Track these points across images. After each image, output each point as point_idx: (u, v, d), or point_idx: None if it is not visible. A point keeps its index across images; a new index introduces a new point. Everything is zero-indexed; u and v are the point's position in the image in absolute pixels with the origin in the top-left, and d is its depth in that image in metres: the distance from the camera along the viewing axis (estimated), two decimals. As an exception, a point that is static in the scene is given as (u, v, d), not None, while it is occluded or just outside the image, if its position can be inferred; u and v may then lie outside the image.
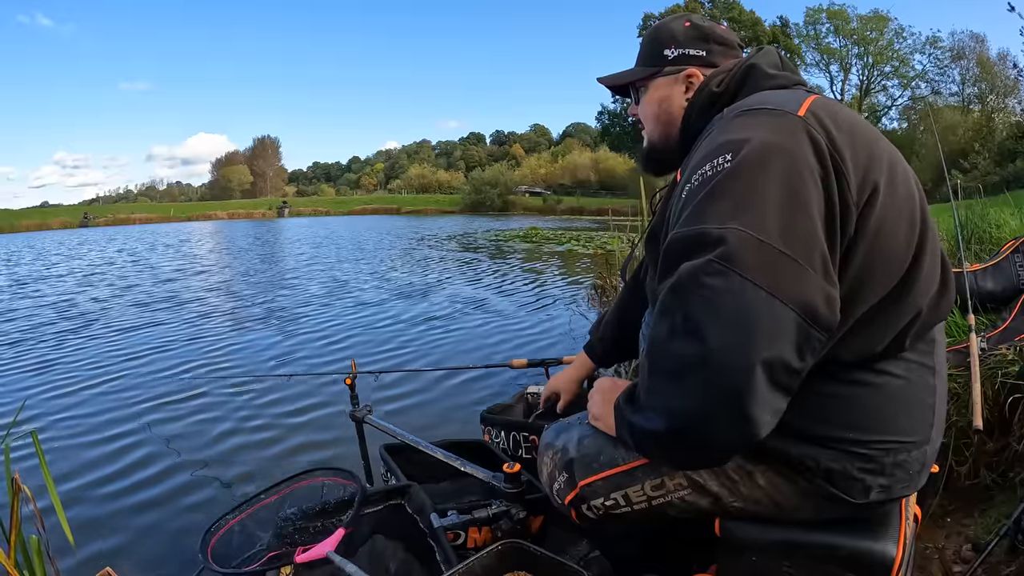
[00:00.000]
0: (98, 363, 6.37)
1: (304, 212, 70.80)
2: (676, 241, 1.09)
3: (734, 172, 1.07)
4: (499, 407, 2.74)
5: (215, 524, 1.94)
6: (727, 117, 1.24)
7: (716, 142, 1.15)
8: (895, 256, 1.14)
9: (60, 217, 59.14)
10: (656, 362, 1.08)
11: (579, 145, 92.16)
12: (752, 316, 0.97)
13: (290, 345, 7.00)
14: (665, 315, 1.06)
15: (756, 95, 1.29)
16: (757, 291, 0.98)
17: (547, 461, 1.52)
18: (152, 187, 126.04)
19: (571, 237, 23.05)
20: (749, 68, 1.38)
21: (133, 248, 24.61)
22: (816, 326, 1.00)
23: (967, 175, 27.23)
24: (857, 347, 1.14)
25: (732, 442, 1.04)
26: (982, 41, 43.84)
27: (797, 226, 1.02)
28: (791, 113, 1.13)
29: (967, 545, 2.29)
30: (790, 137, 1.09)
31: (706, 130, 1.30)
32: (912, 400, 1.21)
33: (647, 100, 1.58)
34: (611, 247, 8.45)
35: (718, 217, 1.04)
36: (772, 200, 1.03)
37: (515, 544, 1.50)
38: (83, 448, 4.13)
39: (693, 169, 1.15)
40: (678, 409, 1.03)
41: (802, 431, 1.17)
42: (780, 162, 1.06)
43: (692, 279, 1.02)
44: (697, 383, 1.00)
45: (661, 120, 1.55)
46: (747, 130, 1.12)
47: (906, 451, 1.20)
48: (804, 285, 1.00)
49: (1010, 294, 3.58)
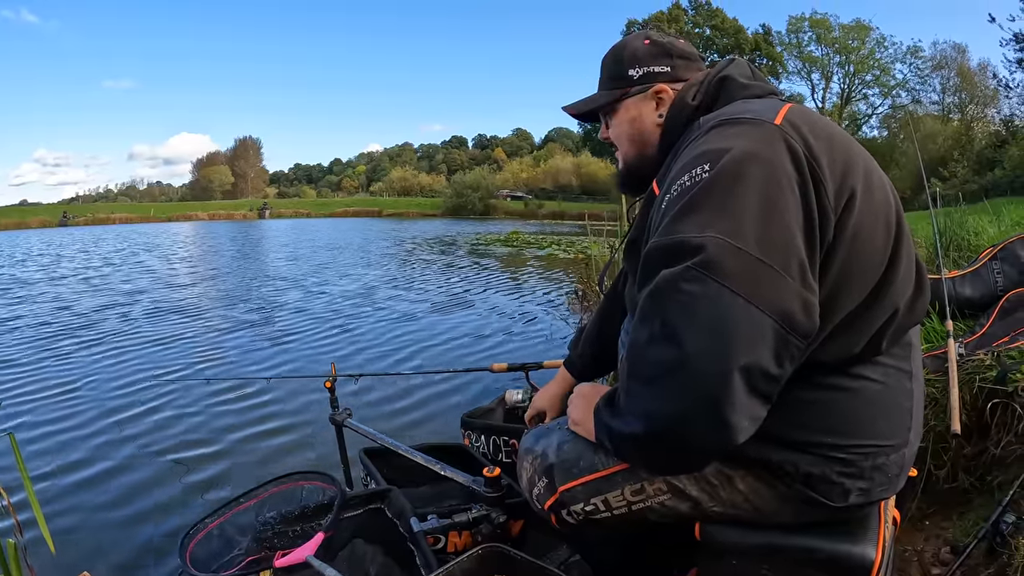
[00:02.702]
0: (74, 365, 6.31)
1: (285, 214, 70.42)
2: (655, 250, 1.10)
3: (712, 181, 1.07)
4: (479, 411, 2.74)
5: (194, 528, 1.93)
6: (704, 127, 1.24)
7: (694, 152, 1.16)
8: (872, 260, 1.15)
9: (39, 216, 58.51)
10: (635, 367, 1.09)
11: (561, 150, 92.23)
12: (729, 322, 0.98)
13: (270, 348, 6.97)
14: (644, 321, 1.07)
15: (732, 105, 1.31)
16: (734, 298, 0.98)
17: (527, 466, 1.52)
18: (132, 187, 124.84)
19: (552, 241, 23.09)
20: (723, 79, 1.39)
21: (107, 251, 24.35)
22: (794, 333, 1.01)
23: (946, 183, 27.48)
24: (836, 351, 1.15)
25: (709, 447, 1.05)
26: (963, 52, 44.32)
27: (775, 234, 1.03)
28: (768, 122, 1.14)
29: (946, 548, 2.30)
30: (767, 146, 1.09)
31: (681, 141, 1.32)
32: (890, 404, 1.22)
33: (617, 122, 1.57)
34: (592, 252, 8.46)
35: (696, 226, 1.04)
36: (750, 209, 1.04)
37: (495, 548, 1.50)
38: (61, 451, 4.09)
39: (672, 180, 1.16)
40: (656, 413, 1.04)
41: (781, 437, 1.18)
42: (758, 171, 1.07)
43: (670, 286, 1.03)
44: (675, 387, 1.01)
45: (635, 140, 1.54)
46: (725, 140, 1.13)
47: (884, 454, 1.21)
48: (782, 292, 1.01)
49: (988, 300, 3.62)
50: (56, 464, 3.89)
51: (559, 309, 9.02)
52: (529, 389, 2.65)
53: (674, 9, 53.76)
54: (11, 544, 1.92)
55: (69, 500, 3.45)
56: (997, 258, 3.75)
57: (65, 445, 4.20)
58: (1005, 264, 3.72)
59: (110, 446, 4.17)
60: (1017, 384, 2.42)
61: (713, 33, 53.21)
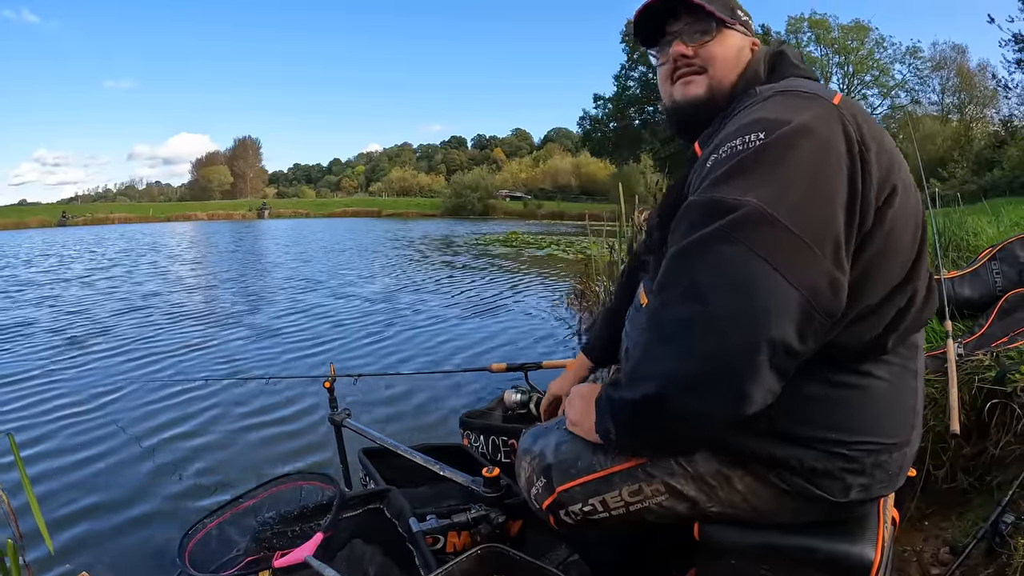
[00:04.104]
0: (74, 366, 6.31)
1: (284, 214, 70.31)
2: (692, 205, 1.10)
3: (764, 148, 1.07)
4: (478, 411, 2.74)
5: (193, 528, 1.93)
6: (762, 96, 1.23)
7: (749, 118, 1.14)
8: (900, 258, 1.16)
9: (38, 216, 58.37)
10: (655, 326, 1.09)
11: (560, 150, 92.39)
12: (756, 289, 0.98)
13: (269, 348, 6.98)
14: (669, 278, 1.08)
15: (788, 80, 1.30)
16: (762, 264, 0.99)
17: (525, 466, 1.51)
18: (131, 186, 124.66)
19: (551, 242, 23.10)
20: (779, 54, 1.39)
21: (104, 251, 24.30)
22: (819, 309, 1.01)
23: (945, 183, 27.43)
24: (850, 341, 1.15)
25: (716, 415, 1.05)
26: (963, 52, 44.25)
27: (815, 209, 1.03)
28: (827, 100, 1.13)
29: (945, 548, 2.30)
30: (824, 123, 1.09)
31: (736, 104, 1.30)
32: (895, 402, 1.23)
33: (726, 43, 1.41)
34: (591, 252, 8.47)
35: (738, 189, 1.04)
36: (796, 181, 1.04)
37: (494, 548, 1.50)
38: (59, 452, 4.09)
39: (722, 141, 1.14)
40: (671, 372, 1.04)
41: (787, 432, 1.18)
42: (812, 145, 1.06)
43: (701, 245, 1.04)
44: (696, 347, 1.01)
45: (733, 69, 1.40)
46: (783, 111, 1.12)
47: (887, 452, 1.21)
48: (810, 267, 1.01)
49: (987, 301, 3.62)
50: (55, 464, 3.89)
51: (558, 309, 9.02)
52: (528, 389, 2.65)
53: (673, 9, 53.63)
54: (10, 544, 1.92)
55: (68, 500, 3.44)
56: (996, 258, 3.76)
57: (64, 445, 4.19)
58: (1004, 264, 3.72)
59: (109, 446, 4.17)
60: (1016, 384, 2.42)
61: (713, 33, 53.14)
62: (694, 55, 1.40)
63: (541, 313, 8.86)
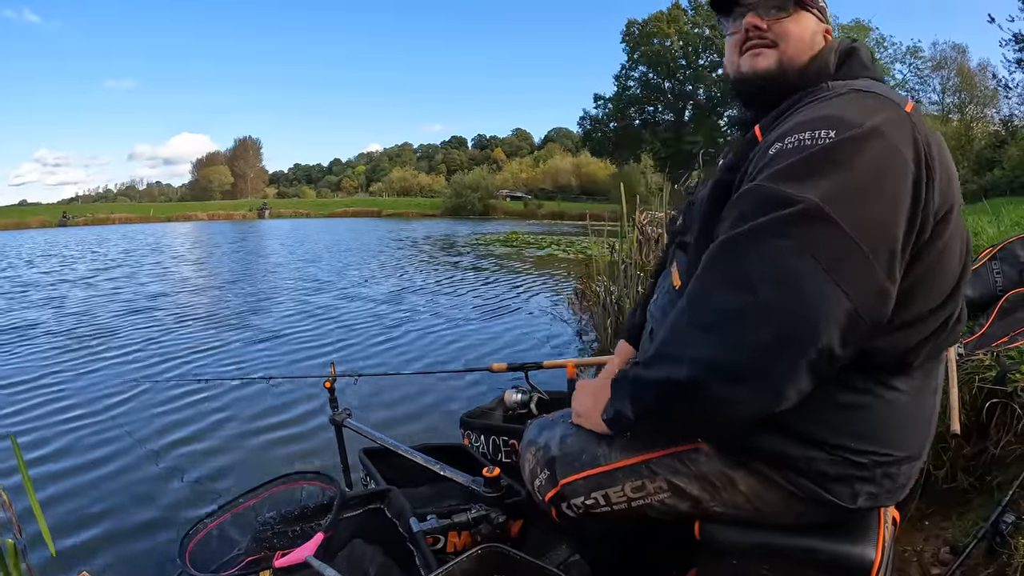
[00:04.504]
0: (74, 366, 6.32)
1: (285, 214, 70.17)
2: (749, 193, 1.09)
3: (833, 148, 1.04)
4: (479, 411, 2.74)
5: (193, 528, 1.93)
6: (835, 91, 1.20)
7: (820, 113, 1.12)
8: (947, 277, 1.15)
9: (39, 216, 58.29)
10: (694, 311, 1.09)
11: (561, 150, 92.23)
12: (805, 289, 0.98)
13: (270, 348, 6.98)
14: (716, 264, 1.07)
15: (862, 80, 1.26)
16: (814, 264, 0.98)
17: (529, 458, 1.52)
18: (132, 187, 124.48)
19: (552, 242, 23.09)
20: (852, 50, 1.36)
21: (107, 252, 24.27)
22: (865, 318, 1.00)
23: (945, 183, 27.39)
24: (885, 351, 1.14)
25: (748, 407, 1.05)
26: (963, 52, 44.12)
27: (875, 216, 1.02)
28: (901, 107, 1.12)
29: (945, 548, 2.31)
30: (896, 131, 1.07)
31: (805, 95, 1.26)
32: (914, 416, 1.22)
33: (802, 23, 1.38)
34: (592, 252, 8.46)
35: (802, 185, 1.03)
36: (860, 186, 1.02)
37: (495, 548, 1.50)
38: (61, 452, 4.09)
39: (788, 132, 1.12)
40: (708, 360, 1.04)
41: (804, 433, 1.18)
42: (881, 151, 1.04)
43: (753, 235, 1.03)
44: (738, 337, 1.01)
45: (806, 50, 1.36)
46: (855, 111, 1.10)
47: (898, 464, 1.21)
48: (863, 275, 1.00)
49: (987, 300, 3.62)
50: (56, 465, 3.89)
51: (559, 309, 9.01)
52: (529, 389, 2.65)
53: (674, 9, 53.63)
54: (11, 544, 1.92)
55: (69, 500, 3.45)
56: (996, 258, 3.76)
57: (65, 446, 4.20)
58: (1004, 264, 3.72)
59: (110, 447, 4.18)
60: (1016, 384, 2.42)
61: (713, 33, 53.04)
62: (767, 28, 1.37)
63: (542, 313, 8.87)
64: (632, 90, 56.37)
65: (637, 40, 54.72)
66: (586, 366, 3.19)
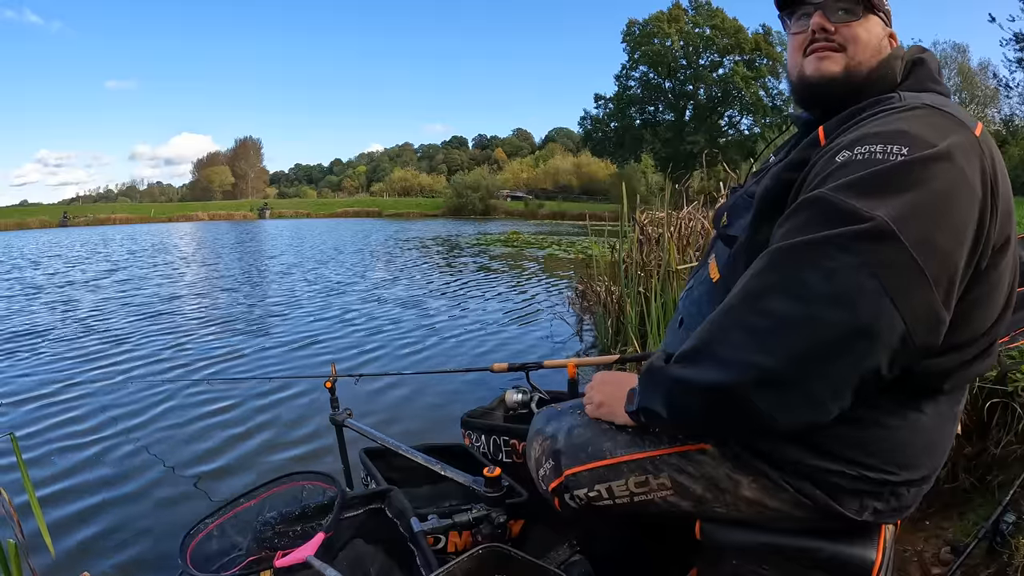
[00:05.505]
0: (73, 366, 6.32)
1: (285, 214, 70.02)
2: (814, 201, 1.07)
3: (905, 166, 1.02)
4: (479, 411, 2.74)
5: (194, 528, 1.93)
6: (908, 104, 1.17)
7: (894, 127, 1.10)
8: (994, 308, 1.15)
9: (40, 216, 58.17)
10: (744, 314, 1.07)
11: (561, 150, 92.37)
12: (862, 308, 0.96)
13: (270, 348, 6.98)
14: (772, 269, 1.06)
15: (935, 96, 1.23)
16: (875, 283, 0.96)
17: (535, 446, 1.52)
18: (132, 187, 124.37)
19: (552, 242, 23.09)
20: (920, 61, 1.33)
21: (110, 252, 24.26)
22: (915, 342, 0.99)
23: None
24: (915, 377, 1.12)
25: (789, 417, 1.04)
26: (964, 51, 44.14)
27: (941, 242, 1.00)
28: (972, 131, 1.10)
29: (946, 548, 2.31)
30: (967, 155, 1.05)
31: (874, 103, 1.23)
32: (936, 442, 1.22)
33: (870, 26, 1.34)
34: (592, 252, 8.45)
35: (869, 200, 1.01)
36: (929, 209, 1.00)
37: (495, 548, 1.49)
38: (61, 452, 4.09)
39: (860, 141, 1.10)
40: (758, 365, 1.02)
41: (822, 444, 1.17)
42: (952, 175, 1.03)
43: (815, 246, 1.01)
44: (786, 346, 1.00)
45: (873, 55, 1.33)
46: (930, 130, 1.07)
47: (907, 486, 1.21)
48: (922, 300, 0.98)
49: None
50: (56, 465, 3.89)
51: (559, 309, 9.01)
52: (530, 389, 2.65)
53: (674, 9, 53.66)
54: (11, 544, 1.92)
55: (69, 500, 3.44)
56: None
57: (65, 446, 4.20)
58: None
59: (110, 447, 4.18)
60: (1017, 384, 2.42)
61: (713, 33, 53.12)
62: (835, 31, 1.33)
63: (542, 313, 8.86)
64: (633, 90, 56.41)
65: (638, 40, 54.75)
66: (587, 366, 3.18)
